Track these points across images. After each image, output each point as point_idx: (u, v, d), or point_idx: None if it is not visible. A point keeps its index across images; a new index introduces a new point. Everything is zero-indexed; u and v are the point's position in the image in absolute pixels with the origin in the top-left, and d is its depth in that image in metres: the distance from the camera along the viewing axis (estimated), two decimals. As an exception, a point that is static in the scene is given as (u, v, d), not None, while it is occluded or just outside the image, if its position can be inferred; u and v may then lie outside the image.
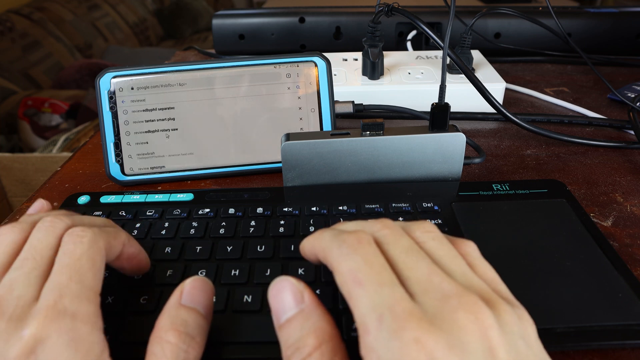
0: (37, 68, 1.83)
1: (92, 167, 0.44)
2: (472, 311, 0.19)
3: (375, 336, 0.18)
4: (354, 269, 0.21)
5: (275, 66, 0.41)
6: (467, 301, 0.19)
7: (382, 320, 0.18)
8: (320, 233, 0.24)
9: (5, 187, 1.32)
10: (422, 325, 0.18)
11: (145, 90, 0.40)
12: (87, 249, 0.23)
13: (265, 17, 0.70)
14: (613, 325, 0.26)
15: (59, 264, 0.23)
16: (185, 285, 0.23)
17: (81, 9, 2.22)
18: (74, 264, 0.22)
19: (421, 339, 0.18)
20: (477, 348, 0.18)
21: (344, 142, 0.36)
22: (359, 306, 0.20)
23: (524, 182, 0.37)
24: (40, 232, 0.24)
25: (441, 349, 0.17)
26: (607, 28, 0.68)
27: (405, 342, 0.18)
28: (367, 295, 0.20)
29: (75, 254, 0.23)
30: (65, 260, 0.23)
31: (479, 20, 0.67)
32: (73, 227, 0.25)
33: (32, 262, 0.23)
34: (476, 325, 0.18)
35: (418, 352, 0.17)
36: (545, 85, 0.61)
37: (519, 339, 0.19)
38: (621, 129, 0.49)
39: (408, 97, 0.52)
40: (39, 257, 0.23)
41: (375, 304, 0.19)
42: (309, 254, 0.25)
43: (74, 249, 0.23)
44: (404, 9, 0.44)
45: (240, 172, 0.42)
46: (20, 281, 0.22)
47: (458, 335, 0.18)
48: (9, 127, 1.56)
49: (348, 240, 0.22)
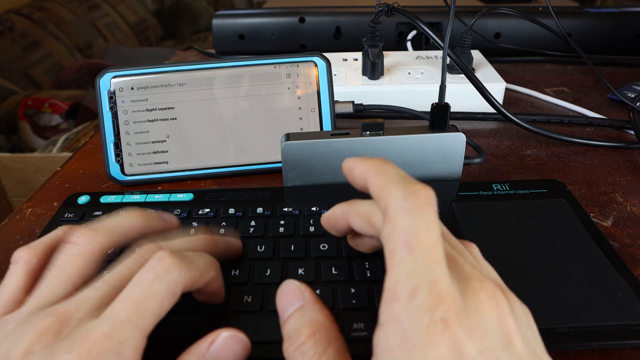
0: (37, 68, 1.83)
1: (92, 167, 0.44)
2: (492, 297, 0.19)
3: (405, 306, 0.18)
4: (412, 231, 0.19)
5: (275, 66, 0.41)
6: (487, 286, 0.20)
7: (417, 293, 0.18)
8: (382, 164, 0.22)
9: (5, 187, 1.32)
10: (452, 306, 0.18)
11: (145, 90, 0.40)
12: (163, 290, 0.22)
13: (265, 17, 0.70)
14: (613, 325, 0.26)
15: (126, 293, 0.21)
16: (218, 339, 0.22)
17: (81, 9, 2.22)
18: (140, 304, 0.21)
19: (448, 319, 0.18)
20: (496, 333, 0.18)
21: (344, 142, 0.36)
22: (398, 270, 0.19)
23: (524, 182, 0.37)
24: (134, 263, 0.23)
25: (463, 331, 0.18)
26: (607, 28, 0.68)
27: (434, 320, 0.18)
28: (412, 264, 0.19)
29: (148, 291, 0.21)
30: (135, 293, 0.21)
31: (479, 20, 0.67)
32: (162, 253, 0.23)
33: (108, 287, 0.22)
34: (496, 311, 0.19)
35: (443, 331, 0.18)
36: (545, 85, 0.61)
37: (527, 329, 0.20)
38: (621, 129, 0.49)
39: (408, 97, 0.52)
40: (120, 288, 0.22)
41: (415, 275, 0.19)
42: (356, 177, 0.23)
43: (151, 284, 0.21)
44: (404, 9, 0.44)
45: (240, 172, 0.42)
46: (90, 303, 0.21)
47: (480, 318, 0.18)
48: (9, 127, 1.56)
49: (418, 195, 0.20)
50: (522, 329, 0.19)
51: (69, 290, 0.23)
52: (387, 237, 0.20)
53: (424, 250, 0.19)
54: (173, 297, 0.22)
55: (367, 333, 0.25)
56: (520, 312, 0.20)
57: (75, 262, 0.23)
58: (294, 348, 0.21)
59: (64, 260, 0.24)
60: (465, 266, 0.21)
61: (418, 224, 0.19)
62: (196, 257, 0.24)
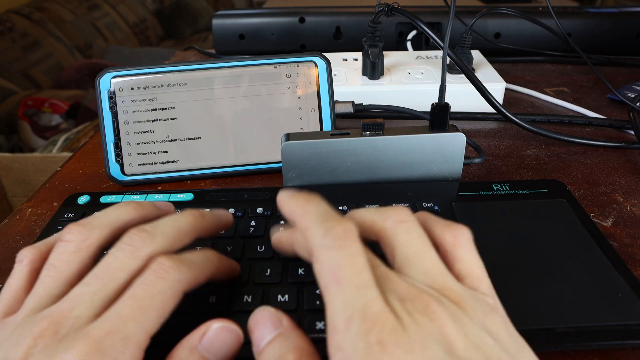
0: (37, 68, 1.83)
1: (92, 167, 0.44)
2: (426, 313, 0.19)
3: (343, 336, 0.19)
4: (336, 265, 0.20)
5: (275, 66, 0.41)
6: (420, 303, 0.20)
7: (352, 321, 0.19)
8: (305, 203, 0.23)
9: (5, 187, 1.32)
10: (386, 327, 0.18)
11: (145, 90, 0.40)
12: (166, 290, 0.22)
13: (265, 17, 0.70)
14: (613, 325, 0.26)
15: (129, 294, 0.21)
16: (210, 330, 0.22)
17: (81, 9, 2.22)
18: (143, 302, 0.21)
19: (384, 340, 0.18)
20: (436, 344, 0.18)
21: (344, 142, 0.36)
22: (332, 304, 0.20)
23: (524, 182, 0.37)
24: (121, 252, 0.23)
25: (401, 349, 0.18)
26: (607, 28, 0.68)
27: (371, 344, 0.18)
28: (343, 295, 0.20)
29: (151, 290, 0.21)
30: (139, 292, 0.21)
31: (479, 20, 0.67)
32: (162, 258, 0.23)
33: (100, 282, 0.22)
34: (434, 322, 0.19)
35: (381, 352, 0.18)
36: (545, 85, 0.61)
37: (483, 333, 0.20)
38: (621, 129, 0.49)
39: (408, 97, 0.52)
40: (108, 280, 0.22)
41: (348, 305, 0.19)
42: (286, 215, 0.24)
43: (152, 285, 0.22)
44: (404, 9, 0.44)
45: (240, 172, 0.42)
46: (84, 300, 0.21)
47: (418, 333, 0.19)
48: (9, 127, 1.56)
49: (335, 231, 0.21)
50: (474, 333, 0.19)
51: (64, 289, 0.23)
52: (318, 275, 0.21)
53: (350, 280, 0.20)
54: (175, 297, 0.22)
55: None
56: (475, 316, 0.20)
57: (70, 260, 0.23)
58: None
59: (57, 259, 0.23)
60: (401, 284, 0.21)
61: (340, 257, 0.20)
62: (193, 256, 0.25)
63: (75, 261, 0.23)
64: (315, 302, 0.27)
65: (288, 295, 0.27)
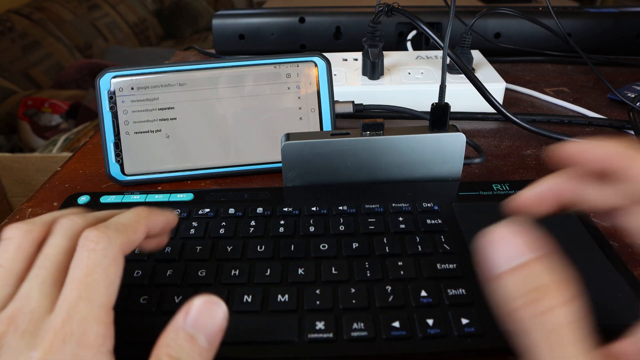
0: (37, 68, 1.83)
1: (92, 167, 0.44)
2: None
3: None
4: None
5: (276, 66, 0.41)
6: None
7: None
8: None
9: (5, 187, 1.32)
10: None
11: (145, 90, 0.40)
12: (101, 260, 0.22)
13: (265, 17, 0.70)
14: (613, 325, 0.26)
15: (70, 277, 0.22)
16: (192, 307, 0.22)
17: (81, 9, 2.22)
18: (85, 280, 0.21)
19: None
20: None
21: (344, 142, 0.36)
22: None
23: (524, 182, 0.36)
24: (55, 238, 0.23)
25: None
26: (607, 28, 0.68)
27: None
28: None
29: (88, 267, 0.22)
30: (77, 273, 0.22)
31: (479, 20, 0.67)
32: (87, 231, 0.23)
33: (45, 272, 0.22)
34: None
35: None
36: (545, 85, 0.61)
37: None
38: (621, 129, 0.49)
39: (408, 97, 0.52)
40: (51, 265, 0.22)
41: None
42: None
43: (87, 261, 0.22)
44: (404, 9, 0.44)
45: (240, 172, 0.42)
46: (35, 292, 0.22)
47: None
48: (9, 127, 1.56)
49: None
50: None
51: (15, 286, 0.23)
52: None
53: None
54: (115, 263, 0.22)
55: (367, 333, 0.25)
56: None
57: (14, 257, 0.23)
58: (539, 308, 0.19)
59: (2, 258, 0.23)
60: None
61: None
62: (121, 217, 0.25)
63: (20, 257, 0.23)
64: (315, 302, 0.27)
65: (288, 295, 0.27)
